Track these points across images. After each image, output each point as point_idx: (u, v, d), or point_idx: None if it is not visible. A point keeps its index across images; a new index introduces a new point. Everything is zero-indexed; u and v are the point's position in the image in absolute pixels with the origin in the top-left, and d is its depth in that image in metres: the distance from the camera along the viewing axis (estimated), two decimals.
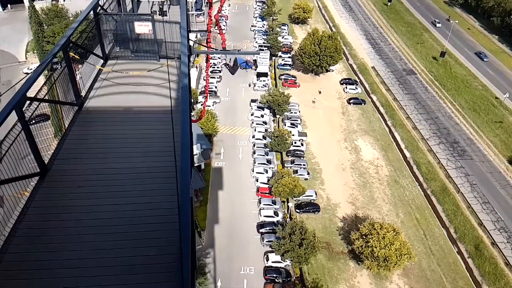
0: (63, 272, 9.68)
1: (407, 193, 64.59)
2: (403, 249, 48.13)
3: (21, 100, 10.56)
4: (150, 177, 12.27)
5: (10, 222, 10.45)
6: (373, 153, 72.07)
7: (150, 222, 11.04)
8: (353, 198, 62.46)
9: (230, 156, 67.35)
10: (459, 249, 55.88)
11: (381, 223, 51.44)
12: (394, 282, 50.97)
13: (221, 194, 60.42)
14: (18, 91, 10.68)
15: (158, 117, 14.70)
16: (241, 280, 48.80)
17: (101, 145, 13.33)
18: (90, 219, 10.86)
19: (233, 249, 52.16)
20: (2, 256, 9.75)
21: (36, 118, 12.24)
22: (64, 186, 11.72)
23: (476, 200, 62.18)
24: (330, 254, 53.49)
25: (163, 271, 9.85)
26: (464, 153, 71.85)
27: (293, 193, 57.67)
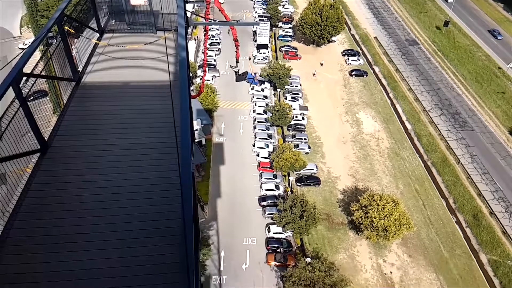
0: (67, 246, 9.78)
1: (407, 164, 64.94)
2: (402, 219, 48.90)
3: (18, 76, 10.41)
4: (151, 152, 12.25)
5: (14, 199, 10.51)
6: (374, 125, 71.95)
7: (153, 197, 11.13)
8: (353, 171, 62.88)
9: (230, 131, 67.32)
10: (458, 219, 56.76)
11: (380, 194, 52.04)
12: (393, 251, 52.08)
13: (223, 169, 60.82)
14: (14, 67, 10.49)
15: (156, 92, 14.51)
16: (243, 250, 49.91)
17: (100, 121, 13.26)
18: (92, 195, 10.92)
19: (235, 222, 53.06)
20: (7, 233, 9.85)
21: (34, 94, 12.11)
22: (65, 162, 11.71)
23: (476, 171, 62.57)
24: (330, 225, 54.42)
25: (167, 243, 9.97)
26: (465, 124, 71.69)
27: (294, 167, 58.02)
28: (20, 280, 9.10)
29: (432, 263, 50.97)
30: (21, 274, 9.22)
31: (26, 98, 11.01)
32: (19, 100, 10.69)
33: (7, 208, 10.19)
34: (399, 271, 49.96)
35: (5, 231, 9.83)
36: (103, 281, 9.29)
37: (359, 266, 50.00)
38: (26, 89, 11.38)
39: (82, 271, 9.38)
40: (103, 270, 9.45)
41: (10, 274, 9.20)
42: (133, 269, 9.54)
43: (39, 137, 11.65)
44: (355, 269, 49.56)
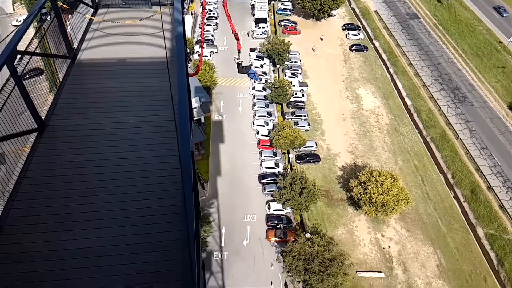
0: (67, 225, 9.83)
1: (407, 140, 65.03)
2: (400, 194, 49.37)
3: (12, 54, 10.20)
4: (149, 131, 12.17)
5: (13, 179, 10.51)
6: (374, 101, 71.59)
7: (152, 176, 11.11)
8: (353, 148, 62.99)
9: (230, 109, 66.96)
10: (456, 194, 57.33)
11: (379, 170, 52.33)
12: (391, 226, 52.84)
13: (222, 147, 60.87)
14: (7, 45, 10.26)
15: (153, 69, 14.32)
16: (244, 227, 50.60)
17: (97, 99, 13.12)
18: (91, 174, 10.92)
19: (235, 199, 53.54)
20: (7, 212, 9.89)
21: (29, 72, 11.97)
22: (63, 141, 11.67)
23: (475, 146, 62.73)
24: (330, 201, 54.98)
25: (168, 221, 10.03)
26: (464, 99, 71.34)
27: (294, 145, 58.05)
28: (21, 259, 9.17)
29: (429, 237, 51.82)
30: (22, 253, 9.28)
31: (21, 77, 10.85)
32: (14, 79, 10.53)
33: (6, 188, 10.21)
34: (397, 245, 50.84)
35: (6, 210, 9.86)
36: (104, 259, 9.36)
37: (358, 241, 50.83)
38: (21, 67, 11.22)
39: (82, 249, 9.43)
40: (104, 248, 9.50)
41: (12, 253, 9.25)
42: (133, 247, 9.59)
43: (36, 116, 11.54)
44: (354, 244, 50.40)
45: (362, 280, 46.74)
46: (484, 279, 47.95)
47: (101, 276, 9.09)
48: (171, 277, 8.97)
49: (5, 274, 8.94)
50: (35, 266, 9.05)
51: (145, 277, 9.12)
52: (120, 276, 9.13)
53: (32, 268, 9.02)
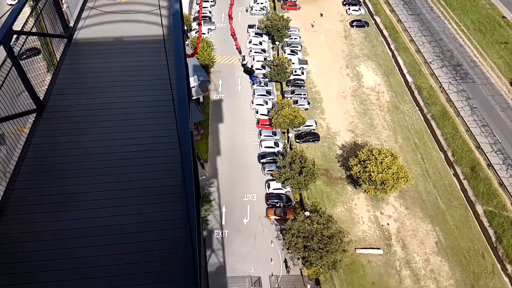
0: (68, 205, 9.88)
1: (407, 118, 64.78)
2: (400, 172, 49.53)
3: (8, 34, 10.02)
4: (148, 111, 12.12)
5: (13, 160, 10.51)
6: (374, 79, 70.91)
7: (152, 156, 11.12)
8: (353, 126, 62.79)
9: (228, 88, 66.34)
10: (455, 171, 57.53)
11: (379, 148, 52.34)
12: (390, 204, 53.26)
13: (222, 126, 60.65)
14: (3, 24, 10.07)
15: (150, 47, 14.11)
16: (244, 206, 51.02)
17: (95, 79, 13.03)
18: (90, 154, 10.92)
19: (235, 179, 53.75)
20: (9, 193, 9.91)
21: (26, 52, 11.88)
22: (62, 122, 11.63)
23: (476, 123, 62.53)
24: (329, 180, 55.22)
25: (168, 201, 10.06)
26: (466, 76, 70.63)
27: (293, 124, 57.83)
28: (23, 239, 9.23)
29: (428, 215, 52.32)
30: (24, 234, 9.33)
31: (18, 57, 10.73)
32: (11, 59, 10.42)
33: (7, 169, 10.23)
34: (396, 222, 51.38)
35: (7, 191, 9.89)
36: (104, 238, 9.41)
37: (357, 219, 51.35)
38: (17, 47, 11.13)
39: (83, 229, 9.49)
40: (104, 228, 9.56)
41: (14, 234, 9.32)
42: (134, 226, 9.64)
43: (34, 96, 11.51)
44: (353, 222, 50.93)
45: (360, 257, 47.47)
46: (482, 256, 48.69)
47: (102, 255, 9.17)
48: (172, 255, 9.04)
49: (8, 254, 9.04)
50: (37, 246, 9.14)
51: (146, 256, 9.19)
52: (121, 254, 9.22)
53: (34, 248, 9.11)
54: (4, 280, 8.70)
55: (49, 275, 8.83)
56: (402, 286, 45.42)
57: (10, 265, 8.94)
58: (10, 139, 10.58)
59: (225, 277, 44.27)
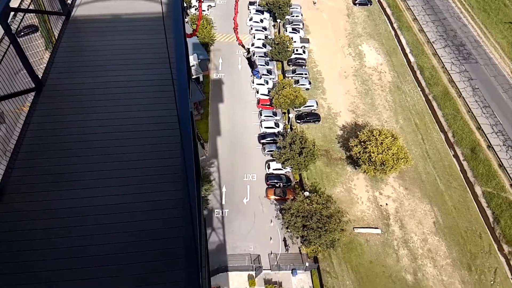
0: (68, 184, 9.92)
1: (409, 99, 64.37)
2: (400, 153, 49.57)
3: (5, 11, 9.88)
4: (147, 90, 12.03)
5: (13, 139, 10.51)
6: (377, 58, 70.07)
7: (151, 136, 11.11)
8: (354, 106, 62.45)
9: (229, 67, 65.62)
10: (455, 152, 57.59)
11: (380, 129, 52.21)
12: (390, 184, 53.53)
13: (222, 106, 60.31)
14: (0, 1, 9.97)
15: (149, 25, 13.88)
16: (244, 186, 51.30)
17: (93, 57, 12.94)
18: (89, 134, 10.90)
19: (235, 159, 53.85)
20: (10, 172, 9.96)
21: (24, 30, 11.78)
22: (61, 101, 11.60)
23: (477, 104, 62.18)
24: (329, 161, 55.33)
25: (168, 181, 10.09)
26: (469, 56, 69.77)
27: (294, 104, 57.47)
28: (24, 218, 9.31)
29: (427, 195, 52.67)
30: (25, 213, 9.40)
31: (16, 34, 10.63)
32: (9, 37, 10.31)
33: (7, 148, 10.25)
34: (395, 203, 51.77)
35: (8, 170, 9.93)
36: (105, 217, 9.48)
37: (356, 199, 51.71)
38: (14, 24, 11.01)
39: (84, 207, 9.56)
40: (105, 206, 9.62)
41: (15, 212, 9.38)
42: (135, 205, 9.70)
43: (33, 75, 11.47)
44: (352, 202, 51.32)
45: (358, 236, 48.06)
46: (479, 236, 49.27)
47: (103, 234, 9.24)
48: (173, 234, 9.13)
49: (10, 232, 9.14)
50: (38, 225, 9.23)
51: (147, 235, 9.27)
52: (122, 233, 9.30)
53: (35, 226, 9.20)
54: (6, 258, 8.81)
55: (50, 253, 8.92)
56: (399, 265, 46.17)
57: (12, 244, 9.02)
58: (9, 117, 10.57)
59: (225, 255, 44.96)
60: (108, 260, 8.98)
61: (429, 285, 44.86)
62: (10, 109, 10.64)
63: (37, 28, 13.47)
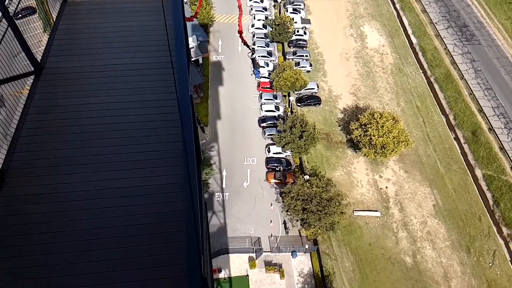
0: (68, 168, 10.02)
1: (410, 81, 63.77)
2: (401, 136, 49.40)
3: None
4: (147, 73, 12.02)
5: (13, 123, 10.62)
6: (379, 40, 69.09)
7: (151, 120, 11.15)
8: (355, 89, 61.91)
9: (228, 49, 64.73)
10: (456, 135, 57.42)
11: (381, 112, 51.89)
12: (390, 167, 53.55)
13: (222, 89, 59.77)
14: None
15: (148, 7, 13.80)
16: (244, 170, 51.30)
17: (92, 40, 12.90)
18: (89, 118, 10.94)
19: (236, 143, 53.69)
20: (11, 156, 10.06)
21: (21, 12, 11.81)
22: (61, 84, 11.62)
23: (479, 87, 61.66)
24: (329, 144, 55.19)
25: (169, 165, 10.16)
26: (472, 37, 68.79)
27: (295, 87, 56.91)
28: (27, 202, 9.46)
29: (427, 178, 52.74)
30: (27, 196, 9.52)
31: (14, 16, 10.64)
32: (6, 19, 10.26)
33: (8, 132, 10.40)
34: (395, 186, 51.89)
35: (9, 154, 10.07)
36: (106, 200, 9.58)
37: (356, 182, 51.80)
38: (12, 6, 11.04)
39: (85, 191, 9.68)
40: (106, 190, 9.72)
41: (18, 196, 9.51)
42: (136, 189, 9.81)
43: (32, 58, 11.52)
44: (352, 185, 51.43)
45: (358, 219, 48.36)
46: (479, 219, 49.55)
47: (104, 217, 9.37)
48: (174, 217, 9.26)
49: (12, 216, 9.30)
50: (40, 208, 9.39)
51: (149, 218, 9.41)
52: (123, 216, 9.44)
53: (38, 210, 9.36)
54: (10, 241, 8.93)
55: (53, 236, 9.06)
56: (398, 247, 46.61)
57: (16, 227, 9.14)
58: (9, 101, 10.67)
59: (226, 237, 45.32)
60: (110, 243, 9.08)
61: (428, 267, 45.39)
62: (9, 93, 10.69)
63: (35, 10, 13.44)
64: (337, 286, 43.06)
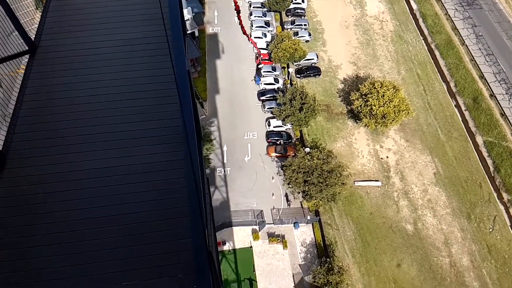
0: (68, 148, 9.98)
1: (411, 48, 62.72)
2: (401, 105, 49.05)
3: None
4: (143, 48, 11.80)
5: (11, 103, 10.60)
6: (378, 6, 67.44)
7: (149, 96, 11.01)
8: (355, 58, 60.96)
9: (225, 20, 63.26)
10: (457, 103, 57.02)
11: (381, 81, 51.29)
12: (390, 137, 53.49)
13: (219, 63, 58.85)
14: None
15: None
16: (245, 144, 51.27)
17: (85, 15, 12.68)
18: (87, 96, 10.84)
19: (235, 117, 53.38)
20: (10, 138, 10.04)
21: None
22: (56, 63, 11.51)
23: (480, 52, 60.70)
24: (330, 116, 54.89)
25: (169, 142, 10.07)
26: (473, 1, 67.11)
27: (294, 58, 55.97)
28: (29, 183, 9.48)
29: (428, 147, 52.78)
30: (28, 177, 9.57)
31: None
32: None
33: (6, 113, 10.46)
34: (395, 155, 51.99)
35: (9, 136, 10.06)
36: (107, 179, 9.60)
37: (356, 153, 51.87)
38: None
39: (86, 170, 9.70)
40: (107, 169, 9.74)
41: (19, 177, 9.56)
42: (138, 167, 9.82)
43: (25, 36, 11.38)
44: (352, 156, 51.52)
45: (359, 189, 48.75)
46: (479, 185, 49.92)
47: (106, 195, 9.42)
48: (177, 194, 9.30)
49: (14, 197, 9.35)
50: (41, 189, 9.43)
51: (151, 195, 9.46)
52: (126, 194, 9.46)
53: (40, 190, 9.40)
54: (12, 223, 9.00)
55: (53, 217, 9.11)
56: (399, 216, 47.23)
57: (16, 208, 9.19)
58: (5, 81, 10.65)
59: (229, 211, 45.87)
60: (113, 221, 9.13)
61: (429, 234, 46.15)
62: (5, 73, 10.60)
63: None
64: (339, 254, 43.95)
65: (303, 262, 43.70)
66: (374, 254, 44.51)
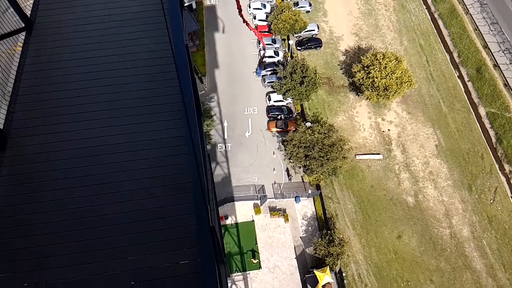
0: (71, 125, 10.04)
1: (413, 18, 61.25)
2: (404, 77, 48.36)
3: None
4: (139, 23, 11.62)
5: (10, 82, 10.57)
6: None
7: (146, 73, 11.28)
8: (357, 29, 59.64)
9: None
10: (460, 73, 56.19)
11: (383, 52, 50.35)
12: (392, 109, 53.06)
13: (218, 36, 57.65)
14: None
15: None
16: (245, 119, 50.93)
17: None
18: (84, 73, 10.79)
19: (235, 92, 52.79)
20: (11, 116, 10.07)
21: None
22: (53, 40, 11.43)
23: (485, 21, 59.27)
24: (331, 89, 54.25)
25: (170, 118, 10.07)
26: None
27: (294, 29, 54.72)
28: (31, 161, 9.63)
29: (430, 119, 52.41)
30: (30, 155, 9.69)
31: None
32: None
33: (5, 91, 10.42)
34: (397, 128, 51.72)
35: (9, 114, 10.10)
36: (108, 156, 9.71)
37: (358, 126, 51.59)
38: None
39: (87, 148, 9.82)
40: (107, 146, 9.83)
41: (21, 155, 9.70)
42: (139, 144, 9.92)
43: (21, 13, 11.21)
44: (354, 129, 51.27)
45: (360, 162, 48.79)
46: (481, 157, 49.87)
47: (107, 173, 9.54)
48: (179, 170, 9.41)
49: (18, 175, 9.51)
50: (44, 166, 9.60)
51: (153, 171, 9.57)
52: (126, 172, 9.57)
53: (42, 168, 9.57)
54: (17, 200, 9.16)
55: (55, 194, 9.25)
56: (400, 188, 47.47)
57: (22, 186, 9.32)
58: (3, 59, 10.57)
59: (230, 186, 46.13)
60: (116, 197, 9.26)
61: (430, 206, 46.52)
62: (3, 50, 10.60)
63: None
64: (340, 227, 44.47)
65: (304, 234, 44.30)
66: (375, 226, 45.04)
